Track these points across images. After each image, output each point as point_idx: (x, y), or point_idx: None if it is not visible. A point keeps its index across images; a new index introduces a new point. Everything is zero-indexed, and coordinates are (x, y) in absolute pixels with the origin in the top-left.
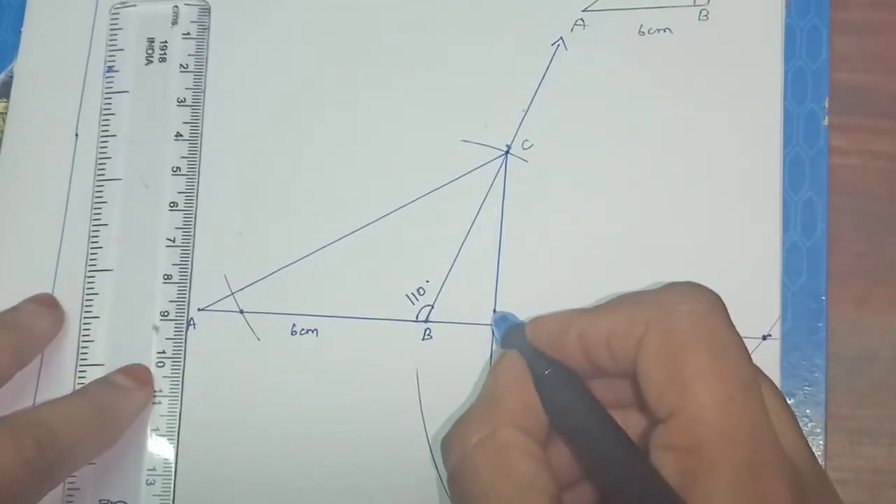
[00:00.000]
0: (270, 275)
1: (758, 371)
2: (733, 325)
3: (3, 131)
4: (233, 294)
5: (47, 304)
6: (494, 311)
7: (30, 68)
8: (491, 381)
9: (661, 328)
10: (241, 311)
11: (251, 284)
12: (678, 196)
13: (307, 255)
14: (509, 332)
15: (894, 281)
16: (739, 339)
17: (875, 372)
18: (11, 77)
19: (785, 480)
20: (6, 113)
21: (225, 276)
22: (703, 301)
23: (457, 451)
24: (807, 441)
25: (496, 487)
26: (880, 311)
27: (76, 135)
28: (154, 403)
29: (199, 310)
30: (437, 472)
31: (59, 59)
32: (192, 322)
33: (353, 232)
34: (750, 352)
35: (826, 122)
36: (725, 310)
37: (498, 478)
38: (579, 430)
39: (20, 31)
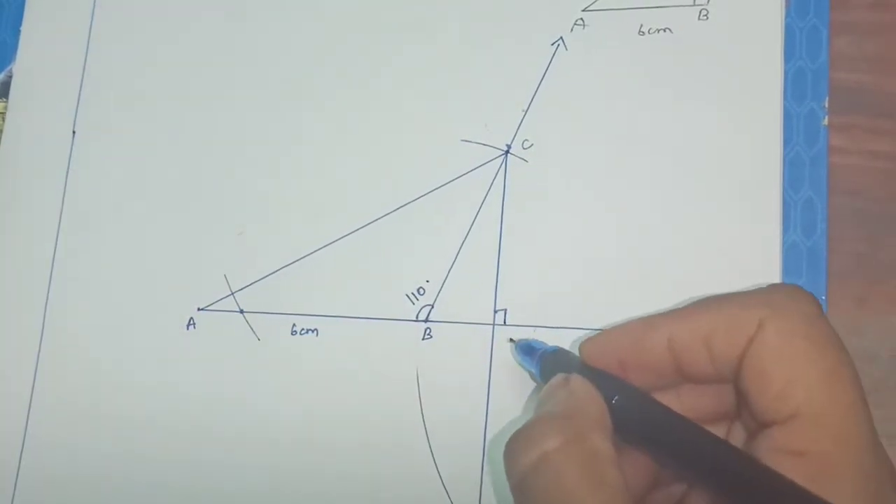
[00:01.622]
0: (270, 274)
1: None
2: None
3: (2, 130)
4: (233, 294)
5: None
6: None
7: (28, 68)
8: (563, 394)
9: (778, 326)
10: (242, 311)
11: (251, 284)
12: (678, 196)
13: (307, 255)
14: (549, 358)
15: (894, 281)
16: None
17: (875, 372)
18: (10, 77)
19: (894, 486)
20: (5, 112)
21: (225, 275)
22: (814, 304)
23: (533, 452)
24: None
25: (584, 493)
26: (880, 311)
27: (73, 132)
28: None
29: (198, 309)
30: (438, 472)
31: (57, 59)
32: (191, 322)
33: (353, 231)
34: None
35: (826, 121)
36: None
37: (588, 483)
38: (676, 444)
39: (19, 31)
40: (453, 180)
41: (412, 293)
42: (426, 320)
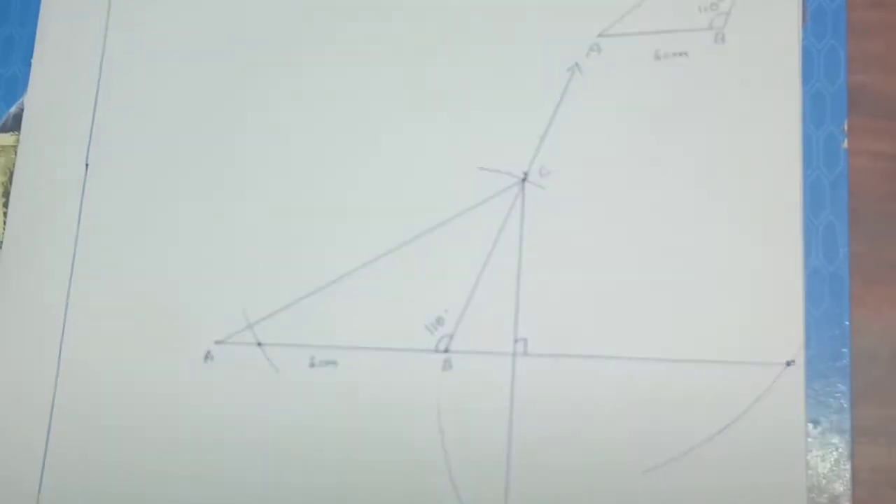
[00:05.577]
0: (288, 307)
1: None
2: None
3: (14, 163)
4: (250, 326)
5: None
6: (516, 340)
7: (40, 100)
8: None
9: None
10: (259, 344)
11: (269, 316)
12: (697, 222)
13: (325, 287)
14: None
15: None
16: None
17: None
18: (22, 109)
19: None
20: (18, 145)
21: (242, 308)
22: None
23: None
24: None
25: None
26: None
27: (86, 165)
28: None
29: (216, 342)
30: (460, 502)
31: (68, 91)
32: (209, 355)
33: (370, 262)
34: (774, 379)
35: (846, 144)
36: None
37: None
38: None
39: (30, 63)
40: (471, 209)
41: (431, 323)
42: (446, 350)
